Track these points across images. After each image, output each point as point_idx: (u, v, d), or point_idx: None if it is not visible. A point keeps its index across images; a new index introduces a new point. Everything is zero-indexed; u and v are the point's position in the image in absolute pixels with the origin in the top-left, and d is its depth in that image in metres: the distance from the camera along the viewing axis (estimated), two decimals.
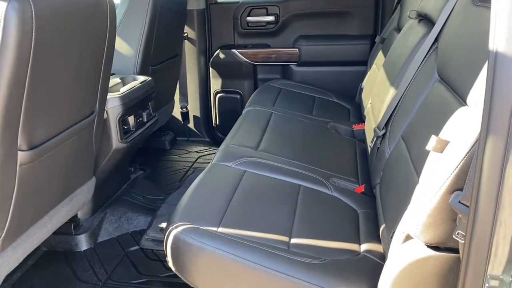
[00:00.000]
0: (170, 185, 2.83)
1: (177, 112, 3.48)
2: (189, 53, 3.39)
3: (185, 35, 3.32)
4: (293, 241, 1.39)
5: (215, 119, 3.56)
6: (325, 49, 3.28)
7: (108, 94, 1.99)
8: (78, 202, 1.94)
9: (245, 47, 3.38)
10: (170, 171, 3.03)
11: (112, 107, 2.11)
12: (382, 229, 1.41)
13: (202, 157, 3.26)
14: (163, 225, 2.27)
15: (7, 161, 1.35)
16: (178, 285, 1.88)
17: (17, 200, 1.45)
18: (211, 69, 3.45)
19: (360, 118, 2.63)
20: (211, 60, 3.42)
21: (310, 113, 2.64)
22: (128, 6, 2.59)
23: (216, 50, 3.41)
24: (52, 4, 1.34)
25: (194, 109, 3.51)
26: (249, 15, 3.36)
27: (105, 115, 2.07)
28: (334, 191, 1.73)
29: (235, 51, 3.35)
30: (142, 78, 2.45)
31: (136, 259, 2.12)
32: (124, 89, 2.24)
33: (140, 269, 2.05)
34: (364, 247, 1.41)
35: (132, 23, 2.58)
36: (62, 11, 1.41)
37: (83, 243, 2.18)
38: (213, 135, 3.58)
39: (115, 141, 2.17)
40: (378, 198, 1.58)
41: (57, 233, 1.94)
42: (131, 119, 2.30)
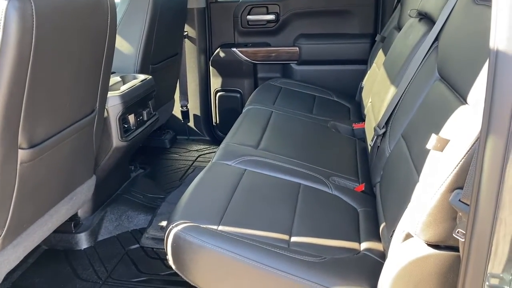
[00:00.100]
0: (170, 183, 2.84)
1: (177, 111, 3.48)
2: (189, 51, 3.39)
3: (185, 33, 3.32)
4: (293, 239, 1.39)
5: (215, 118, 3.56)
6: (325, 47, 3.28)
7: (108, 92, 1.99)
8: (79, 200, 1.94)
9: (245, 45, 3.38)
10: (170, 170, 3.04)
11: (113, 105, 2.11)
12: (382, 227, 1.41)
13: (202, 155, 3.26)
14: (163, 223, 2.27)
15: (8, 159, 1.35)
16: (178, 283, 1.88)
17: (18, 198, 1.45)
18: (211, 67, 3.45)
19: (360, 117, 2.63)
20: (211, 58, 3.42)
21: (310, 112, 2.64)
22: (129, 4, 2.59)
23: (216, 48, 3.41)
24: (52, 2, 1.34)
25: (194, 107, 3.51)
26: (249, 14, 3.36)
27: (105, 114, 2.07)
28: (334, 189, 1.73)
29: (235, 50, 3.35)
30: (142, 77, 2.45)
31: (136, 257, 2.12)
32: (124, 88, 2.24)
33: (140, 267, 2.05)
34: (364, 245, 1.41)
35: (133, 21, 2.58)
36: (63, 9, 1.41)
37: (83, 241, 2.18)
38: (213, 133, 3.58)
39: (115, 139, 2.17)
40: (378, 196, 1.59)
41: (57, 231, 1.94)
42: (131, 118, 2.30)
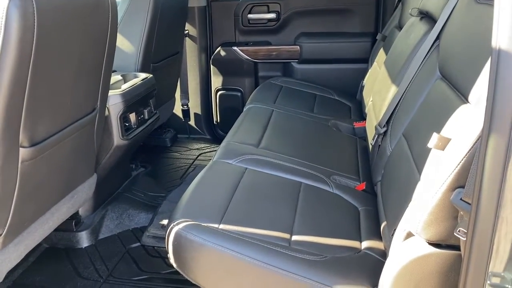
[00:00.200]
0: (171, 182, 2.84)
1: (178, 110, 3.48)
2: (190, 50, 3.39)
3: (186, 32, 3.32)
4: (294, 238, 1.39)
5: (216, 117, 3.56)
6: (326, 46, 3.28)
7: (109, 91, 1.99)
8: (79, 199, 1.95)
9: (246, 44, 3.38)
10: (171, 168, 3.04)
11: (114, 104, 2.11)
12: (383, 226, 1.41)
13: (203, 154, 3.26)
14: (164, 222, 2.28)
15: (9, 157, 1.35)
16: (179, 281, 1.88)
17: (19, 196, 1.45)
18: (212, 66, 3.45)
19: (361, 116, 2.63)
20: (212, 57, 3.42)
21: (311, 110, 2.64)
22: (130, 3, 2.59)
23: (217, 47, 3.41)
24: (54, 1, 1.34)
25: (195, 106, 3.51)
26: (250, 13, 3.35)
27: (106, 112, 2.07)
28: (335, 188, 1.73)
29: (236, 49, 3.34)
30: (143, 75, 2.45)
31: (137, 255, 2.12)
32: (125, 86, 2.24)
33: (141, 265, 2.05)
34: (365, 244, 1.41)
35: (134, 20, 2.58)
36: (64, 7, 1.41)
37: (84, 240, 2.18)
38: (214, 132, 3.58)
39: (116, 138, 2.17)
40: (379, 195, 1.59)
41: (58, 230, 1.94)
42: (132, 116, 2.30)
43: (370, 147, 1.94)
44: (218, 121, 3.56)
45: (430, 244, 1.06)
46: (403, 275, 1.07)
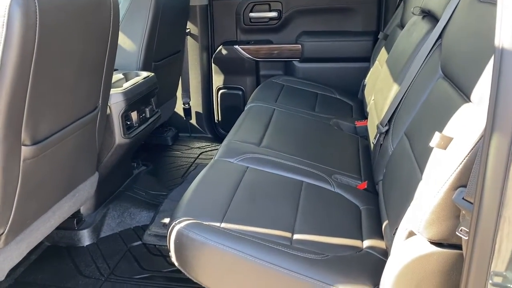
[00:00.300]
0: (172, 180, 2.84)
1: (179, 108, 3.48)
2: (192, 49, 3.39)
3: (187, 31, 3.32)
4: (295, 237, 1.39)
5: (217, 115, 3.56)
6: (328, 45, 3.28)
7: (111, 89, 1.99)
8: (81, 197, 1.95)
9: (247, 43, 3.37)
10: (173, 167, 3.04)
11: (115, 102, 2.11)
12: (384, 225, 1.41)
13: (204, 153, 3.26)
14: (165, 220, 2.28)
15: (11, 156, 1.35)
16: (181, 280, 1.89)
17: (21, 195, 1.45)
18: (213, 65, 3.45)
19: (362, 115, 2.62)
20: (213, 56, 3.42)
21: (312, 109, 2.63)
22: (131, 2, 2.59)
23: (218, 46, 3.41)
24: None
25: (196, 105, 3.51)
26: (251, 11, 3.35)
27: (108, 111, 2.07)
28: (337, 187, 1.73)
29: (238, 47, 3.34)
30: (145, 74, 2.45)
31: (139, 254, 2.12)
32: (127, 85, 2.24)
33: (142, 264, 2.06)
34: (366, 243, 1.41)
35: (135, 19, 2.58)
36: (66, 6, 1.41)
37: (85, 238, 2.19)
38: (215, 131, 3.58)
39: (118, 136, 2.17)
40: (381, 194, 1.58)
41: (60, 228, 1.94)
42: (134, 115, 2.30)
43: (372, 146, 1.93)
44: (220, 119, 3.56)
45: (432, 243, 1.06)
46: (404, 274, 1.07)
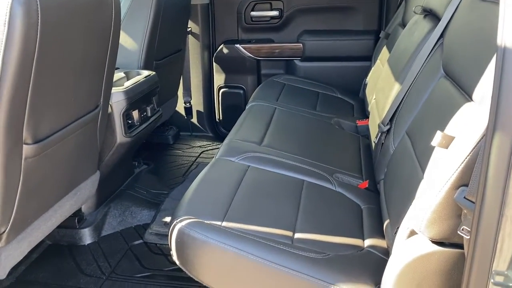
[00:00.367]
0: (173, 179, 2.84)
1: (180, 107, 3.49)
2: (193, 48, 3.38)
3: (188, 29, 3.32)
4: (297, 236, 1.39)
5: (219, 114, 3.56)
6: (329, 44, 3.27)
7: (112, 88, 1.99)
8: (82, 196, 1.95)
9: (248, 42, 3.37)
10: (174, 166, 3.04)
11: (117, 101, 2.11)
12: (386, 224, 1.41)
13: (205, 152, 3.26)
14: (166, 219, 2.28)
15: (12, 154, 1.36)
16: (182, 279, 1.89)
17: (22, 193, 1.45)
18: (214, 64, 3.45)
19: (364, 114, 2.62)
20: (214, 55, 3.42)
21: (313, 108, 2.63)
22: (133, 0, 2.59)
23: (219, 45, 3.41)
24: None
25: (197, 104, 3.51)
26: (253, 10, 3.35)
27: (109, 110, 2.07)
28: (338, 186, 1.73)
29: (239, 46, 3.34)
30: (146, 73, 2.45)
31: (140, 253, 2.13)
32: (128, 84, 2.24)
33: (143, 263, 2.06)
34: (368, 242, 1.41)
35: (137, 17, 2.58)
36: (67, 5, 1.41)
37: (87, 236, 2.19)
38: (216, 130, 3.58)
39: (119, 135, 2.17)
40: (382, 193, 1.58)
41: (61, 226, 1.95)
42: (135, 114, 2.30)
43: (373, 145, 1.93)
44: (221, 118, 3.56)
45: (433, 242, 1.06)
46: (406, 273, 1.07)
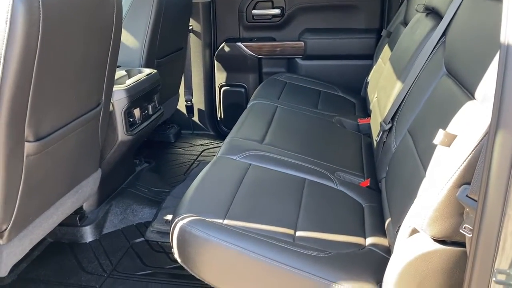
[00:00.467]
0: (175, 177, 2.84)
1: (181, 105, 3.48)
2: (194, 46, 3.38)
3: (190, 28, 3.31)
4: (298, 234, 1.39)
5: (220, 113, 3.56)
6: (330, 42, 3.27)
7: (114, 86, 1.99)
8: (84, 193, 1.95)
9: (250, 40, 3.37)
10: (175, 164, 3.04)
11: (118, 99, 2.11)
12: (387, 223, 1.41)
13: (207, 150, 3.27)
14: (168, 217, 2.28)
15: (14, 152, 1.36)
16: (183, 276, 1.89)
17: (24, 191, 1.45)
18: (216, 62, 3.45)
19: (365, 112, 2.62)
20: (216, 53, 3.42)
21: (315, 107, 2.63)
22: None
23: (221, 43, 3.41)
24: None
25: (198, 102, 3.51)
26: (254, 8, 3.35)
27: (111, 108, 2.07)
28: (340, 185, 1.73)
29: (240, 44, 3.34)
30: (147, 71, 2.45)
31: (141, 250, 2.13)
32: (130, 82, 2.24)
33: (145, 260, 2.06)
34: (369, 240, 1.41)
35: (138, 15, 2.58)
36: (69, 2, 1.40)
37: (88, 234, 2.19)
38: (217, 128, 3.58)
39: (120, 133, 2.17)
40: (384, 192, 1.58)
41: (62, 224, 1.95)
42: (136, 112, 2.30)
43: (375, 143, 1.93)
44: (222, 117, 3.55)
45: (435, 240, 1.05)
46: (407, 271, 1.07)
